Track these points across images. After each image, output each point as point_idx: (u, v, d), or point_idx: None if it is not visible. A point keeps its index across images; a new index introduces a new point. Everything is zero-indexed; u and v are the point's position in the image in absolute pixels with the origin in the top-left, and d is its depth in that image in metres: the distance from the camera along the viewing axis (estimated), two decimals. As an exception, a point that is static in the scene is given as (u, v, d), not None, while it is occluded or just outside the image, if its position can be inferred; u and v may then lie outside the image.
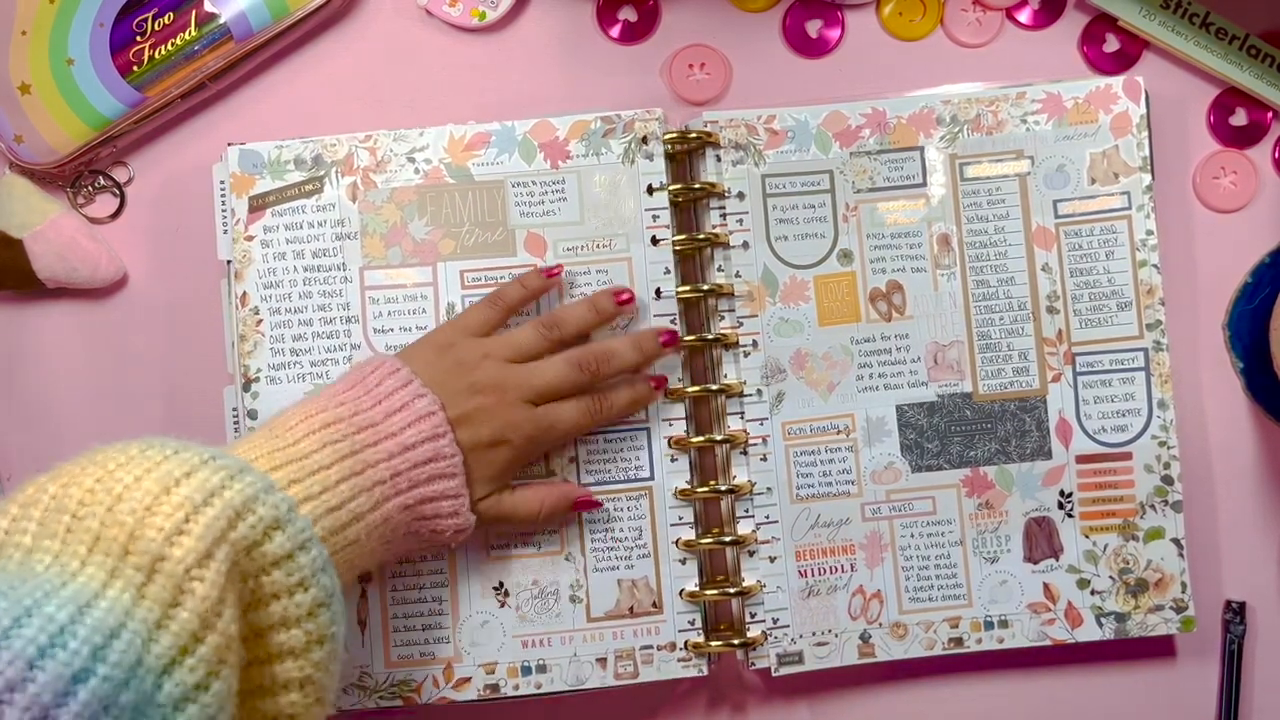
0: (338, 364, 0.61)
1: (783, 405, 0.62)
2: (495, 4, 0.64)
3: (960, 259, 0.62)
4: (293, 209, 0.61)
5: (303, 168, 0.61)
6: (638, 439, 0.61)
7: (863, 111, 0.62)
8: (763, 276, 0.62)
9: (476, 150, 0.61)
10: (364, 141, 0.61)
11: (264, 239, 0.61)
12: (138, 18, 0.61)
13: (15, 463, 0.65)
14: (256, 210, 0.61)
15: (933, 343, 0.62)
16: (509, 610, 0.61)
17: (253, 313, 0.61)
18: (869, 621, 0.62)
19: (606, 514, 0.61)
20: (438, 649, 0.61)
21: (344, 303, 0.61)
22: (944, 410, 0.62)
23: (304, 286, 0.61)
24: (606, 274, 0.61)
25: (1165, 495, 0.62)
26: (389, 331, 0.61)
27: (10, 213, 0.62)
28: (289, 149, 0.61)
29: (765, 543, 0.61)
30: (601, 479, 0.61)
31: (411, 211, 0.61)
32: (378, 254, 0.61)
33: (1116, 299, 0.62)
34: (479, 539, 0.60)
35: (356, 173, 0.61)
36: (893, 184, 0.62)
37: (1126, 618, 0.62)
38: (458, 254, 0.61)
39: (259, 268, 0.61)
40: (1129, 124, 0.62)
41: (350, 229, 0.61)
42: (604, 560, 0.61)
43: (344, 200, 0.61)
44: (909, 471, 0.62)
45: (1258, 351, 0.65)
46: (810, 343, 0.62)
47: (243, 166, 0.61)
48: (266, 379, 0.60)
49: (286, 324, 0.61)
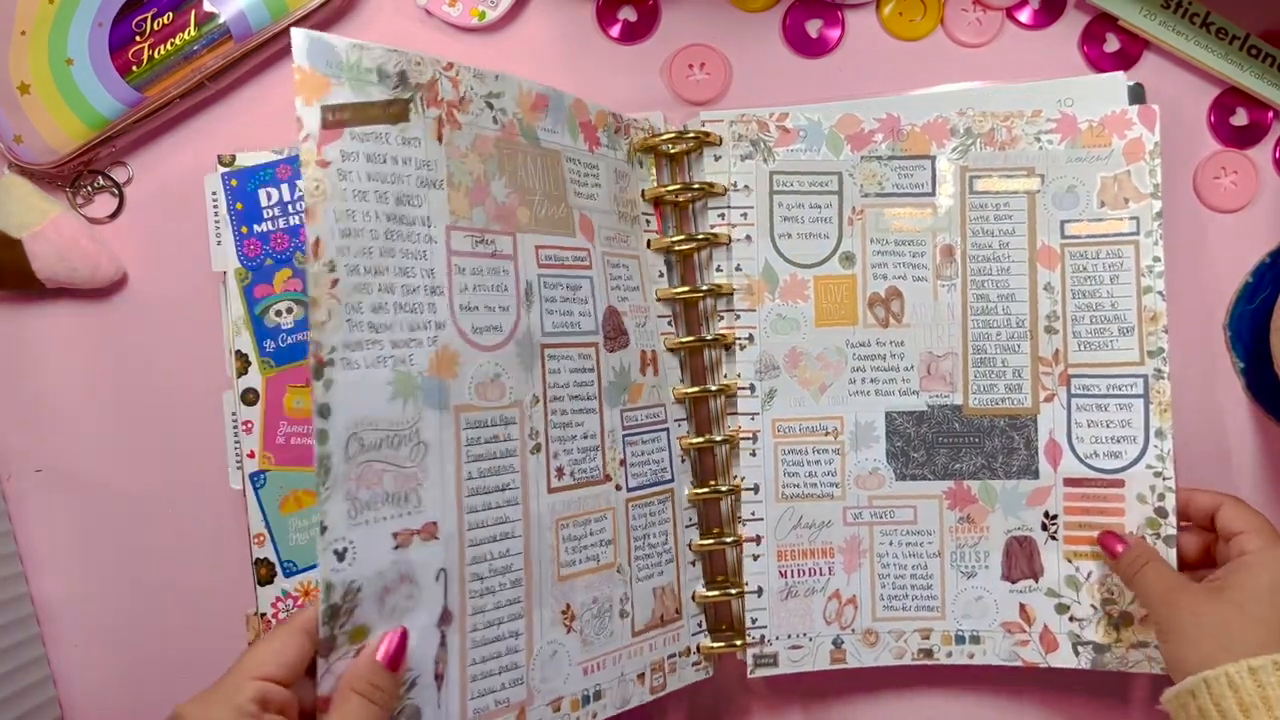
0: (422, 346, 0.48)
1: (774, 402, 0.62)
2: (495, 4, 0.64)
3: (962, 271, 0.62)
4: (375, 135, 0.47)
5: (386, 83, 0.48)
6: (661, 440, 0.59)
7: (877, 116, 0.62)
8: (763, 272, 0.62)
9: (540, 112, 0.54)
10: (446, 70, 0.50)
11: (341, 169, 0.46)
12: (137, 17, 0.61)
13: (15, 463, 0.65)
14: (332, 127, 0.46)
15: (927, 352, 0.62)
16: (574, 635, 0.54)
17: (327, 268, 0.46)
18: (842, 627, 0.62)
19: (644, 519, 0.58)
20: (513, 693, 0.51)
21: (428, 268, 0.49)
22: (932, 420, 0.62)
23: (385, 241, 0.47)
24: (627, 269, 0.59)
25: (1158, 529, 0.60)
26: (474, 310, 0.50)
27: (10, 213, 0.62)
28: (369, 54, 0.48)
29: (750, 540, 0.61)
30: (643, 482, 0.58)
31: (493, 167, 0.51)
32: (463, 212, 0.50)
33: (1118, 323, 0.61)
34: (550, 557, 0.53)
35: (441, 106, 0.50)
36: (901, 190, 0.62)
37: (1106, 649, 0.61)
38: (532, 225, 0.53)
39: (335, 207, 0.46)
40: (1142, 150, 0.61)
41: (437, 174, 0.49)
42: (643, 569, 0.58)
43: (429, 138, 0.49)
44: (893, 479, 0.62)
45: (1258, 351, 0.65)
46: (805, 342, 0.62)
47: (313, 61, 0.46)
48: (342, 362, 0.46)
49: (365, 288, 0.47)
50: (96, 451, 0.65)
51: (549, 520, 0.53)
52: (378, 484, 0.47)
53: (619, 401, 0.56)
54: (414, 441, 0.48)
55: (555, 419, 0.53)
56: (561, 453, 0.53)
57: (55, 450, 0.65)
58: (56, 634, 0.65)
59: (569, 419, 0.54)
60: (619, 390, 0.56)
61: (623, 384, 0.57)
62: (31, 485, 0.65)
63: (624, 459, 0.56)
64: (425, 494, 0.48)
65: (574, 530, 0.54)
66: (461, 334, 0.50)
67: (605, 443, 0.55)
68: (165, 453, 0.65)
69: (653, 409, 0.59)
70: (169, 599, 0.65)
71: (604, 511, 0.55)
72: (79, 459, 0.65)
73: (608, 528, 0.55)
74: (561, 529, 0.53)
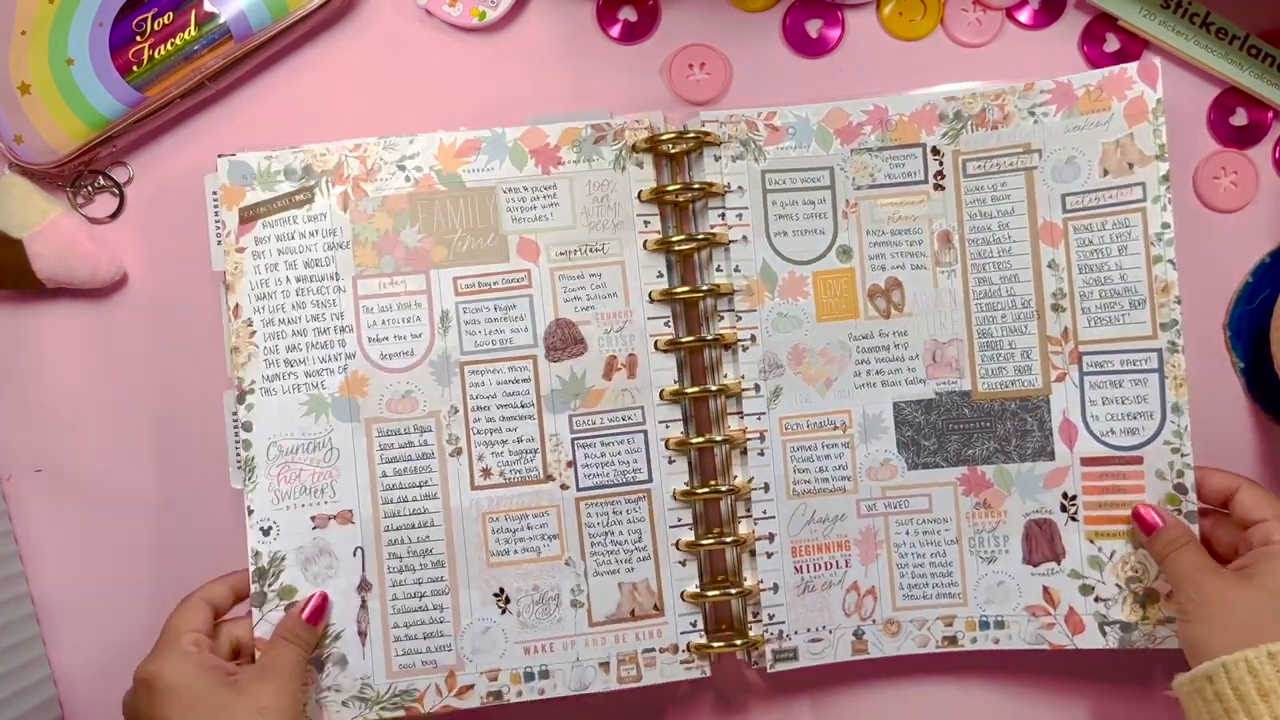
0: (333, 374, 0.60)
1: (780, 400, 0.62)
2: (495, 3, 0.64)
3: (962, 256, 0.62)
4: (284, 219, 0.60)
5: (293, 178, 0.61)
6: (634, 441, 0.61)
7: (864, 109, 0.62)
8: (761, 272, 0.62)
9: (467, 157, 0.61)
10: (354, 150, 0.61)
11: (255, 250, 0.60)
12: (137, 17, 0.61)
13: (15, 463, 0.65)
14: (247, 222, 0.60)
15: (931, 340, 0.62)
16: (510, 616, 0.61)
17: (245, 324, 0.60)
18: (863, 618, 0.62)
19: (606, 517, 0.61)
20: (440, 657, 0.61)
21: (338, 312, 0.61)
22: (941, 408, 0.62)
23: (297, 297, 0.60)
24: (600, 278, 0.61)
25: (1179, 504, 0.59)
26: (383, 340, 0.61)
27: (10, 213, 0.62)
28: (278, 159, 0.60)
29: (762, 539, 0.61)
30: (600, 483, 0.61)
31: (403, 219, 0.61)
32: (370, 263, 0.61)
33: (1129, 296, 0.60)
34: (477, 545, 0.61)
35: (347, 182, 0.61)
36: (894, 180, 0.62)
37: (1133, 628, 0.60)
38: (450, 261, 0.61)
39: (250, 279, 0.60)
40: (1144, 110, 0.59)
41: (342, 238, 0.61)
42: (604, 564, 0.61)
43: (335, 210, 0.61)
44: (905, 468, 0.62)
45: (1258, 351, 0.65)
46: (808, 338, 0.62)
47: (232, 178, 0.60)
48: (261, 390, 0.60)
49: (280, 335, 0.60)
50: (96, 451, 0.65)
51: (474, 514, 0.61)
52: (296, 480, 0.60)
53: (567, 407, 0.61)
54: (327, 447, 0.60)
55: (480, 425, 0.61)
56: (489, 455, 0.61)
57: (55, 450, 0.65)
58: (56, 634, 0.65)
59: (497, 425, 0.61)
60: (567, 397, 0.61)
61: (573, 390, 0.61)
62: (31, 485, 0.65)
63: (573, 460, 0.61)
64: (340, 487, 0.60)
65: (506, 523, 0.61)
66: (370, 361, 0.61)
67: (546, 446, 0.61)
68: (165, 453, 0.65)
69: (621, 411, 0.61)
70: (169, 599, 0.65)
71: (545, 509, 0.61)
72: (79, 459, 0.65)
73: (550, 523, 0.61)
74: (491, 521, 0.61)
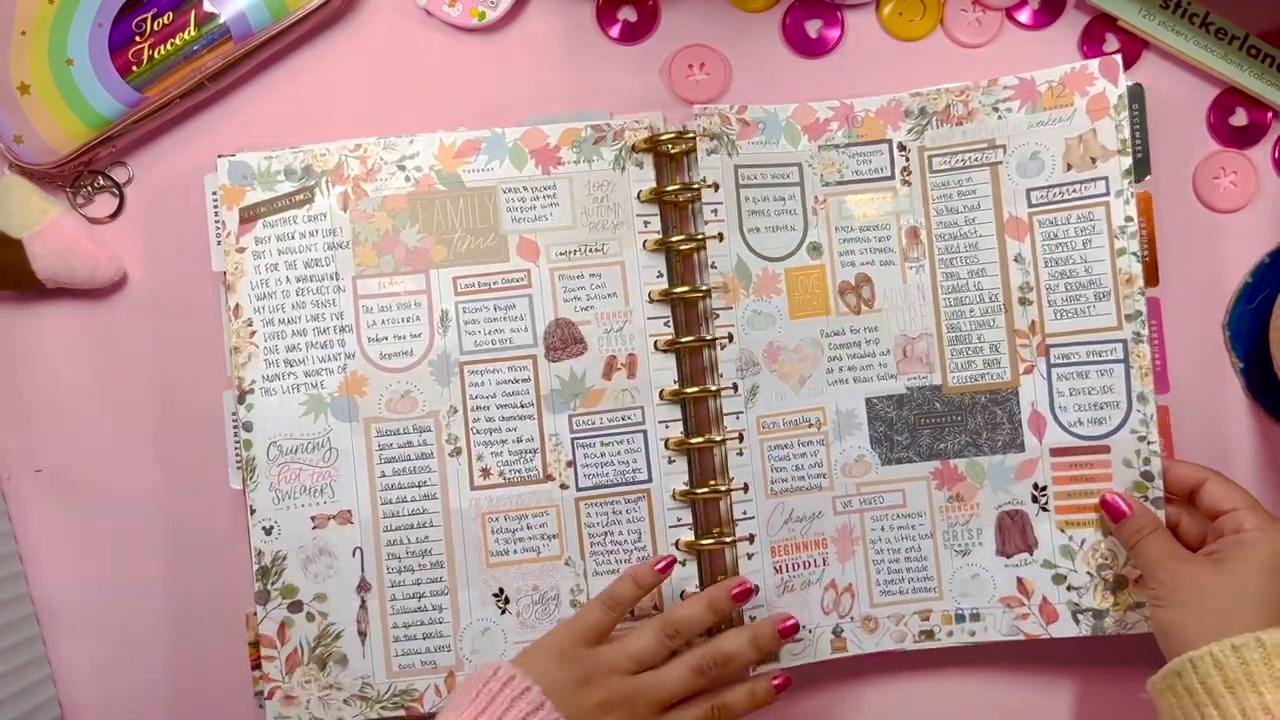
0: (332, 374, 0.60)
1: (757, 399, 0.62)
2: (495, 4, 0.64)
3: (929, 251, 0.62)
4: (284, 219, 0.61)
5: (293, 178, 0.61)
6: (634, 441, 0.61)
7: (831, 105, 0.62)
8: (736, 268, 0.62)
9: (467, 157, 0.61)
10: (354, 150, 0.61)
11: (255, 250, 0.61)
12: (137, 18, 0.61)
13: (15, 463, 0.65)
14: (247, 222, 0.60)
15: (901, 335, 0.62)
16: (510, 616, 0.61)
17: (246, 324, 0.60)
18: (841, 616, 0.62)
19: (605, 517, 0.61)
20: (439, 657, 0.61)
21: (337, 312, 0.61)
22: (913, 403, 0.62)
23: (297, 297, 0.61)
24: (599, 278, 0.61)
25: (1145, 491, 0.60)
26: (383, 340, 0.61)
27: (10, 213, 0.62)
28: (278, 159, 0.61)
29: (743, 540, 0.61)
30: (599, 482, 0.61)
31: (403, 219, 0.61)
32: (370, 262, 0.61)
33: (1094, 289, 0.61)
34: (477, 545, 0.60)
35: (347, 182, 0.61)
36: (861, 177, 0.63)
37: (1104, 614, 0.61)
38: (450, 260, 0.61)
39: (251, 279, 0.60)
40: (1106, 105, 0.60)
41: (342, 238, 0.61)
42: (604, 564, 0.61)
43: (335, 210, 0.61)
44: (879, 464, 0.62)
45: (1258, 351, 0.65)
46: (782, 335, 0.62)
47: (232, 178, 0.61)
48: (261, 390, 0.60)
49: (280, 335, 0.60)
50: (96, 451, 0.65)
51: (473, 514, 0.61)
52: (296, 480, 0.60)
53: (566, 407, 0.61)
54: (326, 447, 0.60)
55: (480, 425, 0.61)
56: (488, 455, 0.61)
57: (55, 450, 0.65)
58: (56, 634, 0.65)
59: (496, 425, 0.61)
60: (566, 396, 0.61)
61: (572, 390, 0.61)
62: (31, 485, 0.65)
63: (572, 460, 0.61)
64: (339, 487, 0.60)
65: (505, 523, 0.61)
66: (370, 361, 0.61)
67: (545, 446, 0.61)
68: (165, 453, 0.65)
69: (621, 411, 0.61)
70: (169, 599, 0.65)
71: (545, 509, 0.61)
72: (79, 459, 0.65)
73: (550, 523, 0.61)
74: (490, 521, 0.61)
